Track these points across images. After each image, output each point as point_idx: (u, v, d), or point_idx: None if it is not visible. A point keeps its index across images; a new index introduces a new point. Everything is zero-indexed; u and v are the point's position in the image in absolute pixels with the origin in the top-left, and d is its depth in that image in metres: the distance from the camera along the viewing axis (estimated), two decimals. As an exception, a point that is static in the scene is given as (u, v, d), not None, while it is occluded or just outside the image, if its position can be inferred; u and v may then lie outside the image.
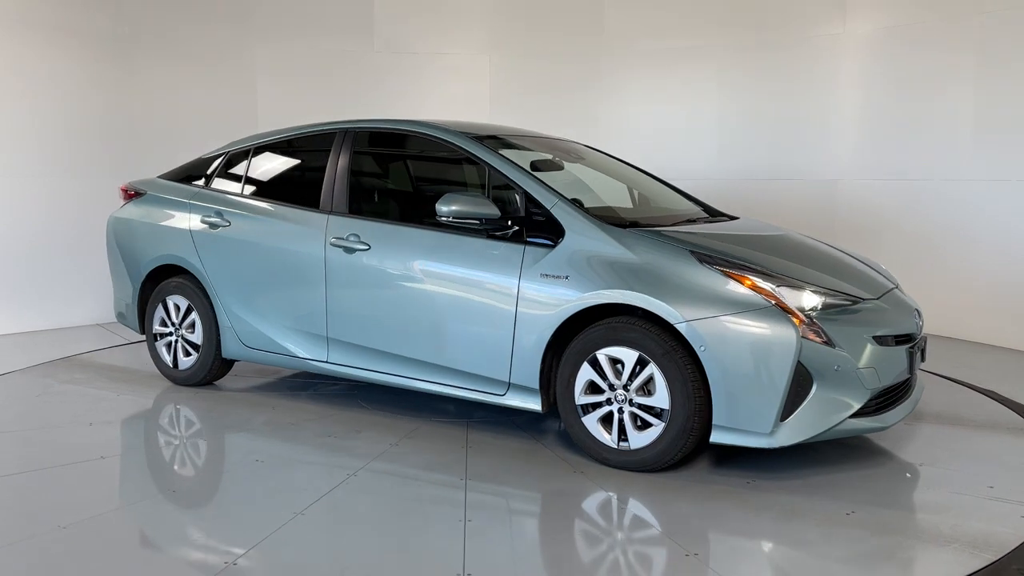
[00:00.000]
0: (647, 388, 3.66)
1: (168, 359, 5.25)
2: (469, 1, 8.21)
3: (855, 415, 3.56)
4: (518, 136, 4.84)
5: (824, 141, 7.21)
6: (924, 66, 6.63)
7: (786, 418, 3.47)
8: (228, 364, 5.21)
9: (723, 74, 7.64)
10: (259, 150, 5.15)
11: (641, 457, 3.70)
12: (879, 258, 4.82)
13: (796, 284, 3.60)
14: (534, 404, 3.99)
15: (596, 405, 3.80)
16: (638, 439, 3.70)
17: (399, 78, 8.00)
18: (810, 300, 3.58)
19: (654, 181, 5.12)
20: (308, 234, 4.62)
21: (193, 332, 5.12)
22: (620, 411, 3.73)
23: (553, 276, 3.86)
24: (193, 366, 5.14)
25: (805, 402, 3.48)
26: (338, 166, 4.67)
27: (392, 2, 8.10)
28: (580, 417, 3.84)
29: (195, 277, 5.10)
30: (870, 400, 3.60)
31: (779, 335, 3.44)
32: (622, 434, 3.74)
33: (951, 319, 6.41)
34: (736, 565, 2.95)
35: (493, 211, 4.01)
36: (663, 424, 3.62)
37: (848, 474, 3.74)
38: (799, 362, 3.43)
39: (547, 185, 4.07)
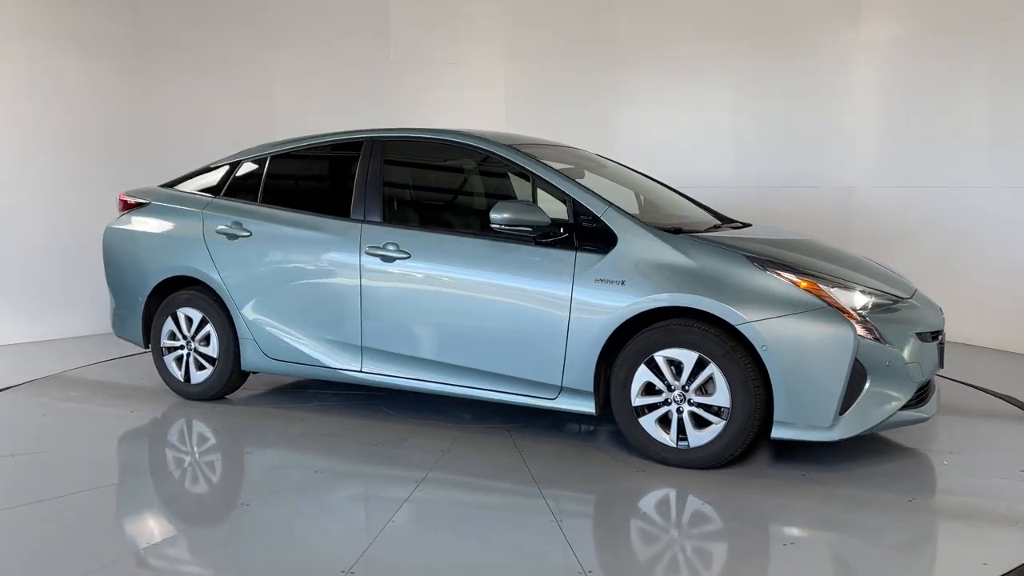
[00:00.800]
0: (704, 387, 3.80)
1: (179, 373, 5.10)
2: (485, 11, 8.28)
3: (902, 407, 3.77)
4: (528, 144, 4.84)
5: (840, 149, 7.31)
6: (939, 74, 6.71)
7: (844, 412, 3.66)
8: (243, 377, 5.10)
9: (737, 82, 7.74)
10: (276, 159, 5.06)
11: (701, 455, 3.83)
12: (895, 265, 5.04)
13: (846, 285, 3.80)
14: (587, 407, 4.07)
15: (652, 406, 3.91)
16: (697, 437, 3.82)
17: (415, 86, 8.05)
18: (860, 300, 3.78)
19: (663, 188, 5.26)
20: (340, 243, 4.59)
21: (207, 345, 4.99)
22: (679, 411, 3.85)
23: (609, 281, 3.95)
24: (208, 379, 5.01)
25: (860, 396, 3.67)
26: (368, 175, 4.65)
27: (408, 11, 8.17)
28: (637, 418, 3.94)
29: (210, 289, 4.98)
30: (914, 393, 3.83)
31: (837, 333, 3.62)
32: (680, 433, 3.86)
33: (967, 326, 6.38)
34: (832, 552, 3.10)
35: (544, 219, 4.08)
36: (724, 422, 3.76)
37: (888, 465, 3.94)
38: (855, 358, 3.62)
39: (596, 193, 4.17)
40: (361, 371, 4.60)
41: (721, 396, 3.76)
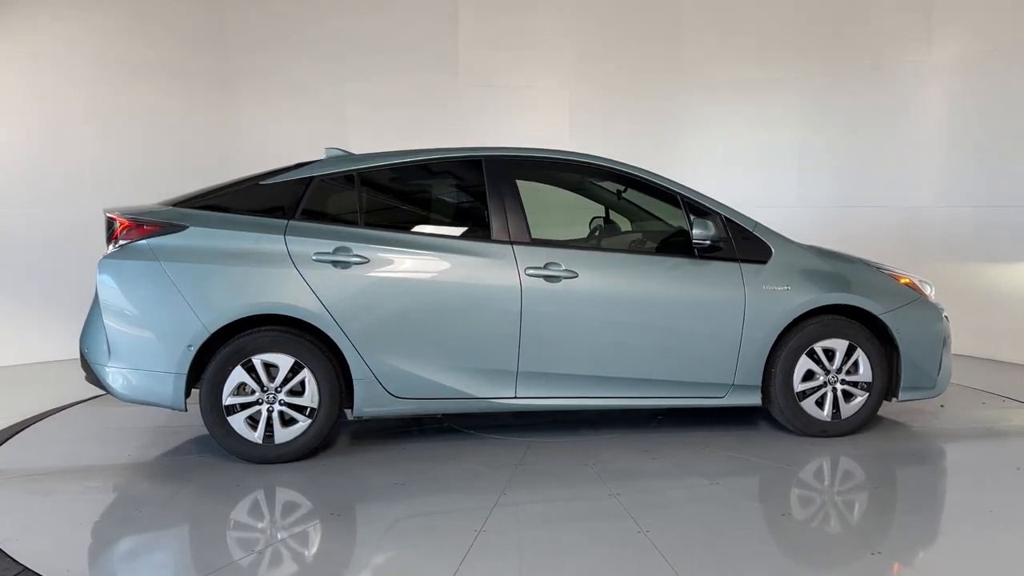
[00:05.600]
0: (848, 369, 4.67)
1: (253, 435, 4.19)
2: (549, 37, 8.15)
3: (946, 367, 5.13)
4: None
5: (908, 168, 7.38)
6: (1009, 93, 6.78)
7: (938, 375, 4.86)
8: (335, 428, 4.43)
9: (804, 102, 7.81)
10: (372, 175, 4.49)
11: (850, 424, 4.69)
12: (963, 281, 5.85)
13: (922, 280, 5.00)
14: (754, 399, 4.63)
15: (807, 391, 4.63)
16: (847, 410, 4.68)
17: (482, 110, 7.89)
18: (928, 289, 5.02)
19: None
20: (493, 265, 4.36)
21: (298, 395, 4.23)
22: (833, 390, 4.66)
23: (774, 287, 4.57)
24: (303, 435, 4.24)
25: (942, 361, 4.91)
26: (504, 195, 4.48)
27: (475, 37, 8.08)
28: (799, 402, 4.64)
29: (305, 326, 4.23)
30: (950, 358, 5.21)
31: (936, 317, 4.81)
32: (834, 408, 4.67)
33: None
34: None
35: (720, 234, 4.54)
36: (866, 394, 4.68)
37: (919, 422, 5.20)
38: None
39: (740, 212, 4.73)
40: (515, 397, 4.44)
41: (865, 374, 4.67)
